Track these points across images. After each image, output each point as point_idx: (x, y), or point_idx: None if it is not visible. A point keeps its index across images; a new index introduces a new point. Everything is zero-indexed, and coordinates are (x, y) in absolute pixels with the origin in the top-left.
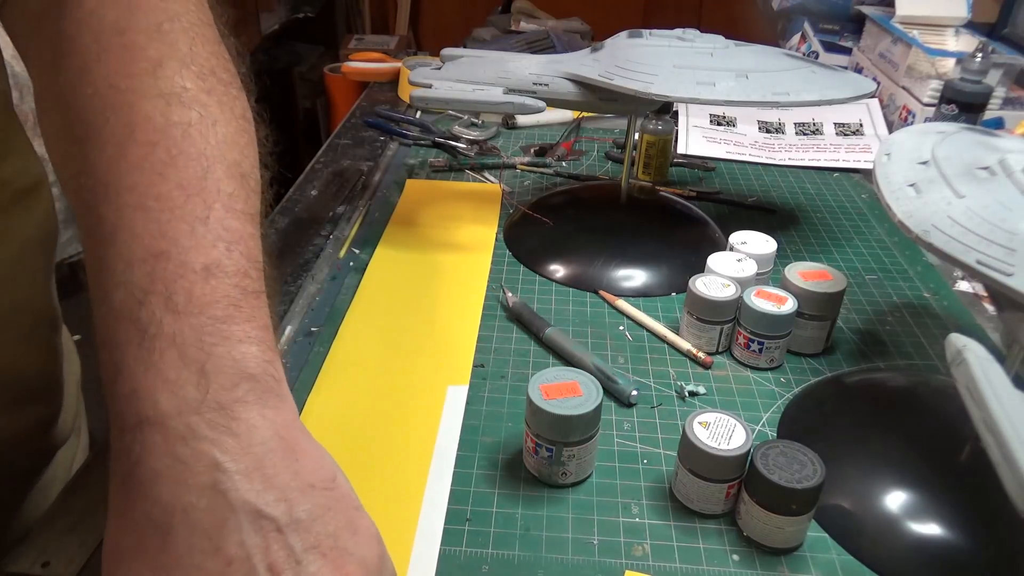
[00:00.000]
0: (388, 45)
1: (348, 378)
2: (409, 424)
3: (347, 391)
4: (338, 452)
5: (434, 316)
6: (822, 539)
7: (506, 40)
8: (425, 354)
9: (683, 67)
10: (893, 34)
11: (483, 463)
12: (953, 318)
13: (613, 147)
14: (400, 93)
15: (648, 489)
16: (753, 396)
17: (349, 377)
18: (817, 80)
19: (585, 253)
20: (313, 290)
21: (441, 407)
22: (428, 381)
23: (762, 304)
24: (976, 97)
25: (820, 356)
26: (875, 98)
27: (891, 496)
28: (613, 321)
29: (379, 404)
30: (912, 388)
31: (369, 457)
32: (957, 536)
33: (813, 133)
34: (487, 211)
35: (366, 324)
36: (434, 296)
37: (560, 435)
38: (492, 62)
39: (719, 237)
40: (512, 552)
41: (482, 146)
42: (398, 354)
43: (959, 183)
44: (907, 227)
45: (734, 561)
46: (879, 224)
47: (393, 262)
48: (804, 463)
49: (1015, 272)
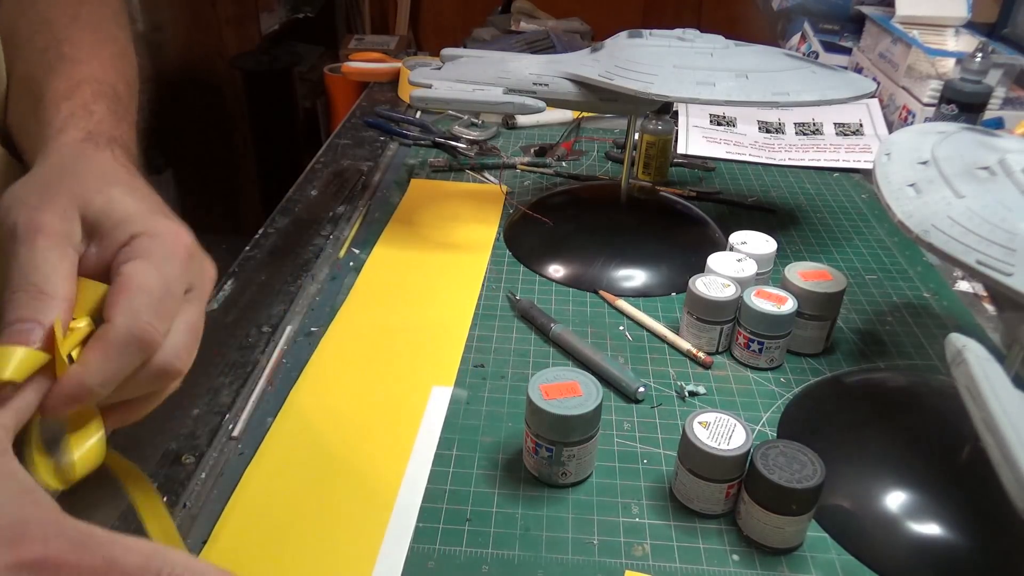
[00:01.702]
0: (388, 45)
1: (332, 376)
2: (389, 423)
3: (330, 389)
4: (314, 449)
5: (424, 316)
6: (822, 539)
7: (506, 40)
8: (412, 354)
9: (683, 67)
10: (893, 34)
11: (483, 463)
12: (953, 318)
13: (613, 147)
14: (400, 93)
15: (648, 489)
16: (753, 396)
17: (333, 375)
18: (817, 80)
19: (585, 253)
20: (313, 290)
21: (424, 407)
22: (413, 381)
23: (762, 304)
24: (976, 97)
25: (820, 356)
26: (875, 98)
27: (891, 496)
28: (613, 321)
29: (360, 403)
30: (912, 388)
31: (346, 454)
32: (957, 536)
33: (813, 133)
34: (487, 211)
35: (356, 323)
36: (427, 296)
37: (560, 435)
38: (492, 62)
39: (719, 237)
40: (512, 552)
41: (482, 146)
42: (384, 353)
43: (959, 183)
44: (907, 227)
45: (734, 561)
46: (879, 224)
47: (390, 261)
48: (804, 463)
49: (1015, 272)
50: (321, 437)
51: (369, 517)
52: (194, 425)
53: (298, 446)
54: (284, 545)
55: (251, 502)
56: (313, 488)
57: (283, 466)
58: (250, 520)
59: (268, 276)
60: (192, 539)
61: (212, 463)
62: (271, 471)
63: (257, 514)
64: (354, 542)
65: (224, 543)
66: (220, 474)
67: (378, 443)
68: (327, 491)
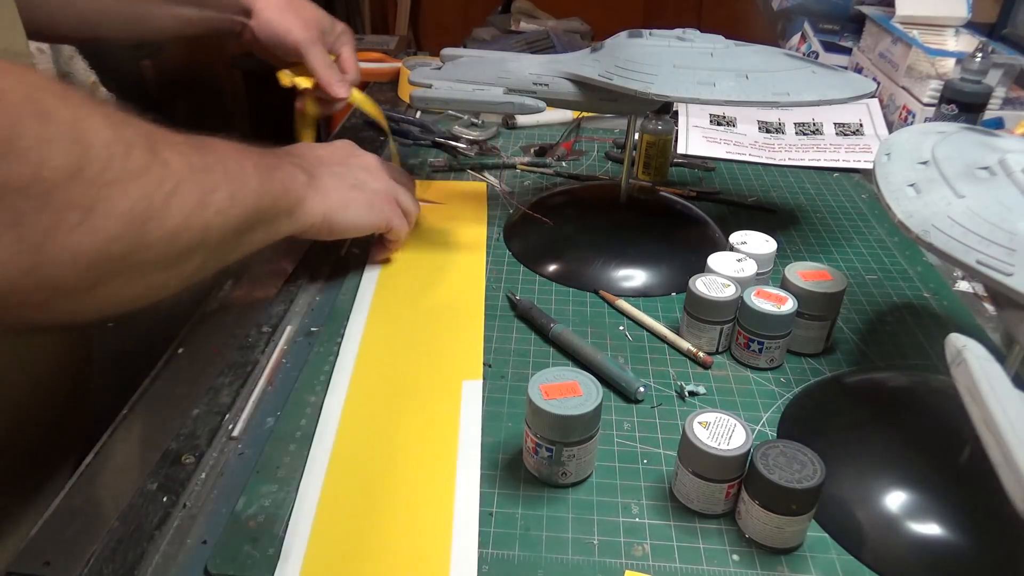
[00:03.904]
0: (388, 45)
1: (373, 380)
2: (431, 420)
3: (373, 393)
4: (366, 453)
5: (441, 314)
6: (822, 539)
7: (506, 40)
8: (437, 351)
9: (683, 67)
10: (893, 34)
11: (483, 463)
12: (953, 318)
13: (613, 147)
14: (400, 93)
15: (648, 489)
16: (753, 396)
17: (374, 379)
18: (817, 80)
19: (585, 253)
20: (313, 290)
21: (459, 402)
22: (443, 378)
23: (762, 304)
24: (976, 97)
25: (820, 356)
26: (875, 98)
27: (891, 496)
28: (613, 321)
29: (401, 404)
30: (912, 388)
31: (397, 456)
32: (957, 536)
33: (813, 133)
34: (487, 210)
35: (383, 326)
36: (434, 294)
37: (560, 435)
38: (492, 62)
39: (719, 237)
40: (512, 552)
41: (482, 146)
42: (414, 353)
43: (959, 183)
44: (907, 227)
45: (734, 561)
46: (879, 224)
47: (400, 262)
48: (804, 463)
49: (1015, 272)
50: (367, 442)
51: (432, 517)
52: (194, 425)
53: (357, 453)
54: (365, 555)
55: (331, 516)
56: (377, 497)
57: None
58: (331, 532)
59: (268, 276)
60: (192, 539)
61: (212, 463)
62: (343, 481)
63: (337, 527)
64: (424, 547)
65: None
66: (220, 474)
67: (425, 439)
68: (389, 499)
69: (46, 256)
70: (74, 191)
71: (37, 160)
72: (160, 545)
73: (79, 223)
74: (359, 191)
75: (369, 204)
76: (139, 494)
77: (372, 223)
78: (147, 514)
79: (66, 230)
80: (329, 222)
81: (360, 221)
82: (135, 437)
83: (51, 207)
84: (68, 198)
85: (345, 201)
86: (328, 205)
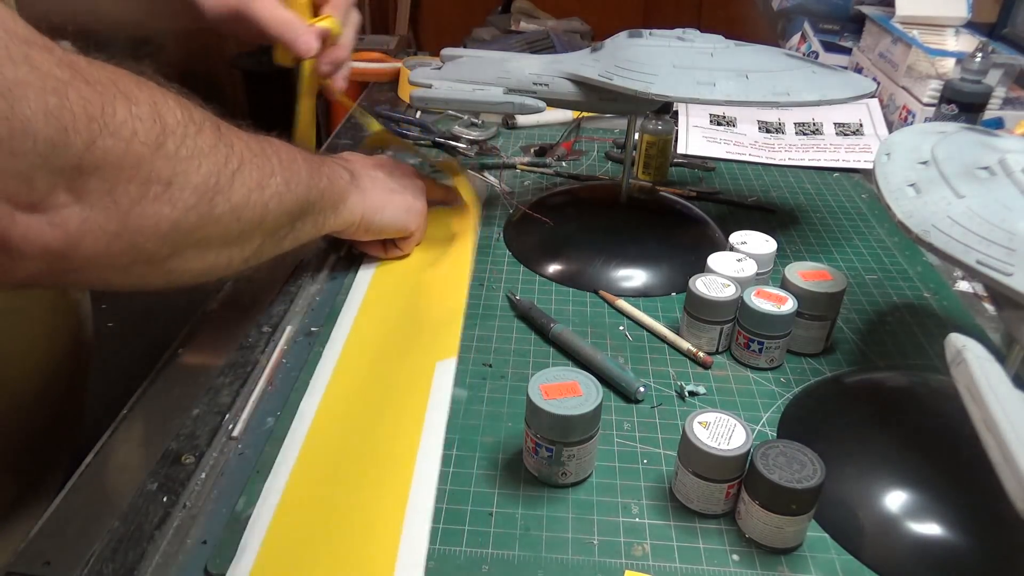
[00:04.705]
0: (388, 45)
1: (351, 375)
2: (399, 409)
3: (349, 387)
4: (334, 444)
5: (423, 299)
6: (822, 539)
7: (506, 40)
8: (414, 336)
9: (683, 67)
10: (893, 34)
11: (483, 463)
12: (953, 318)
13: (613, 147)
14: (400, 93)
15: (648, 489)
16: (753, 396)
17: (352, 374)
18: (817, 80)
19: (585, 253)
20: (313, 290)
21: (429, 387)
22: (418, 362)
23: (762, 304)
24: (976, 97)
25: (820, 356)
26: (875, 98)
27: (891, 496)
28: (613, 321)
29: (374, 394)
30: (912, 388)
31: (363, 448)
32: (957, 536)
33: (813, 133)
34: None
35: (369, 322)
36: (424, 283)
37: (560, 435)
38: (492, 62)
39: (719, 237)
40: (512, 552)
41: (482, 146)
42: (392, 343)
43: (959, 183)
44: (907, 227)
45: (734, 561)
46: (879, 224)
47: (390, 261)
48: (804, 463)
49: (1015, 272)
50: (343, 425)
51: (385, 502)
52: (194, 425)
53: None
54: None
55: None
56: (338, 491)
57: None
58: (286, 521)
59: (268, 276)
60: (192, 539)
61: (212, 463)
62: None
63: (291, 516)
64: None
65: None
66: (220, 474)
67: (390, 420)
68: (348, 491)
69: (132, 222)
70: (157, 164)
71: (129, 135)
72: (160, 545)
73: (161, 193)
74: (397, 195)
75: (406, 208)
76: (139, 494)
77: (404, 226)
78: (147, 514)
79: (151, 199)
80: (367, 221)
81: (395, 223)
82: (135, 437)
83: (139, 178)
84: (153, 170)
85: (383, 203)
86: (367, 205)
